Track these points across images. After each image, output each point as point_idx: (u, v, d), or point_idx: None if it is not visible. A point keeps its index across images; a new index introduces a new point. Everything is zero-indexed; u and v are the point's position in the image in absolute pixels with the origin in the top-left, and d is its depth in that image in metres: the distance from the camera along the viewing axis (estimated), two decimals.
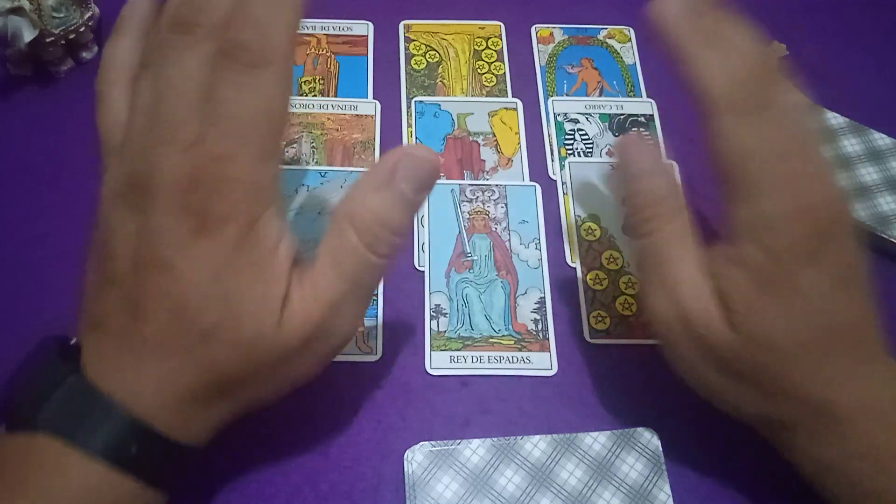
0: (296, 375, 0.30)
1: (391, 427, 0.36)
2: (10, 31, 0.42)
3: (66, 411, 0.26)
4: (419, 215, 0.42)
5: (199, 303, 0.26)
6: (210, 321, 0.27)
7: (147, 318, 0.27)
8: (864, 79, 0.49)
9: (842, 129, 0.44)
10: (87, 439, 0.26)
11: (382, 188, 0.28)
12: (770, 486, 0.35)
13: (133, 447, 0.26)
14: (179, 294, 0.26)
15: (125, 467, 0.26)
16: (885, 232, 0.41)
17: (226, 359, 0.27)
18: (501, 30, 0.50)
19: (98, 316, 0.28)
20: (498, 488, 0.33)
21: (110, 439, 0.26)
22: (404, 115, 0.46)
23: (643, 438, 0.35)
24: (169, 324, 0.27)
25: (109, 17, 0.48)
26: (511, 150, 0.45)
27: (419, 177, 0.28)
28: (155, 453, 0.27)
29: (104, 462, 0.26)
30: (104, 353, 0.27)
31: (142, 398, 0.27)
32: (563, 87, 0.48)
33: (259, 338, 0.27)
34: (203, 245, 0.26)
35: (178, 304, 0.26)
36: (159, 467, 0.27)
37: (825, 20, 0.52)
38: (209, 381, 0.27)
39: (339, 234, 0.28)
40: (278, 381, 0.30)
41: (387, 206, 0.28)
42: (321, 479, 0.34)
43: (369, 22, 0.50)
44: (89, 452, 0.26)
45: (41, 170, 0.43)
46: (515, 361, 0.38)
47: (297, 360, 0.29)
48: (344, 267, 0.28)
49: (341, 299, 0.28)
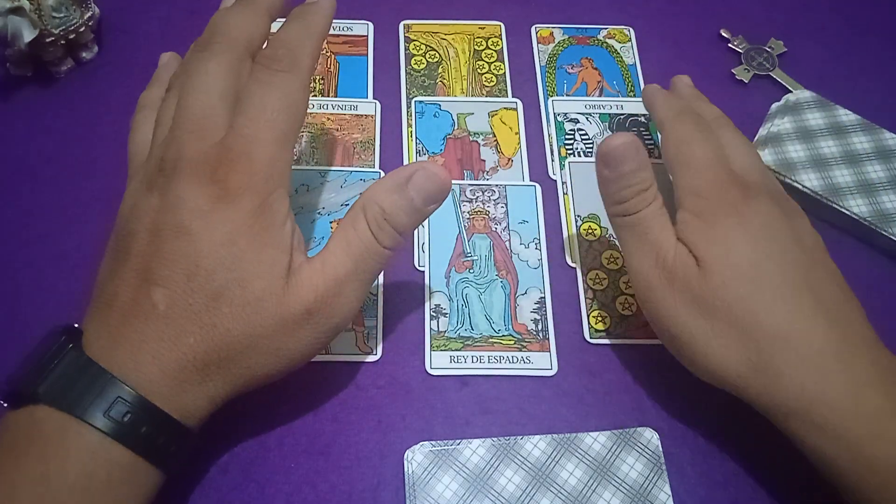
0: (293, 350, 0.31)
1: (391, 427, 0.36)
2: (10, 31, 0.42)
3: (65, 384, 0.28)
4: None
5: (212, 263, 0.29)
6: (221, 281, 0.29)
7: (160, 281, 0.29)
8: (886, 79, 0.49)
9: (853, 126, 0.44)
10: (86, 410, 0.27)
11: (395, 191, 0.32)
12: (770, 485, 0.35)
13: (128, 417, 0.27)
14: (195, 254, 0.29)
15: (121, 438, 0.27)
16: (886, 229, 0.41)
17: (230, 322, 0.29)
18: (501, 30, 0.50)
19: (108, 295, 0.30)
20: (498, 488, 0.33)
21: (107, 410, 0.27)
22: (404, 115, 0.46)
23: (643, 438, 0.35)
24: (181, 284, 0.29)
25: (109, 17, 0.48)
26: (511, 150, 0.45)
27: (428, 190, 0.32)
28: (150, 425, 0.28)
29: (101, 433, 0.27)
30: (109, 328, 0.29)
31: (141, 370, 0.28)
32: (563, 87, 0.48)
33: (264, 299, 0.30)
34: (221, 210, 0.30)
35: (192, 265, 0.29)
36: (154, 440, 0.28)
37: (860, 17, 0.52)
38: (209, 349, 0.29)
39: (352, 220, 0.32)
40: (276, 354, 0.31)
41: (395, 207, 0.31)
42: (321, 479, 0.34)
43: (369, 22, 0.50)
44: (87, 423, 0.27)
45: (41, 170, 0.43)
46: (515, 361, 0.38)
47: (297, 331, 0.31)
48: (352, 248, 0.31)
49: (345, 277, 0.31)
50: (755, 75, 0.49)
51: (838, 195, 0.42)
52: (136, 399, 0.28)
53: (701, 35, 0.51)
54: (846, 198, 0.42)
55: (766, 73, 0.49)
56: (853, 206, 0.41)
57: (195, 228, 0.29)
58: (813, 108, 0.45)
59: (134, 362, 0.28)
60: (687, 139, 0.36)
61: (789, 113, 0.45)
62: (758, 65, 0.49)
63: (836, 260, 0.35)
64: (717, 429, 0.36)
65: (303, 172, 0.43)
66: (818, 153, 0.43)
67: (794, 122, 0.45)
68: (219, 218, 0.30)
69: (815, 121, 0.45)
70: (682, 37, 0.51)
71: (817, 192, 0.42)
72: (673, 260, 0.33)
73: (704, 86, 0.44)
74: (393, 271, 0.40)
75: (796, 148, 0.44)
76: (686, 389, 0.37)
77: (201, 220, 0.29)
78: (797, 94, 0.46)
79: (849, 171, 0.43)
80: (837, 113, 0.45)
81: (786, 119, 0.45)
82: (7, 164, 0.43)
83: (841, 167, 0.43)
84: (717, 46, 0.51)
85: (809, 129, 0.44)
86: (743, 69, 0.49)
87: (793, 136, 0.44)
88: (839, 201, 0.42)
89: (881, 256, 0.42)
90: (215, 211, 0.30)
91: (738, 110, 0.47)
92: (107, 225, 0.41)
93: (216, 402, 0.30)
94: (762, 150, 0.44)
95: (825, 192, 0.42)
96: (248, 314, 0.30)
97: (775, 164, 0.43)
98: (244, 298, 0.29)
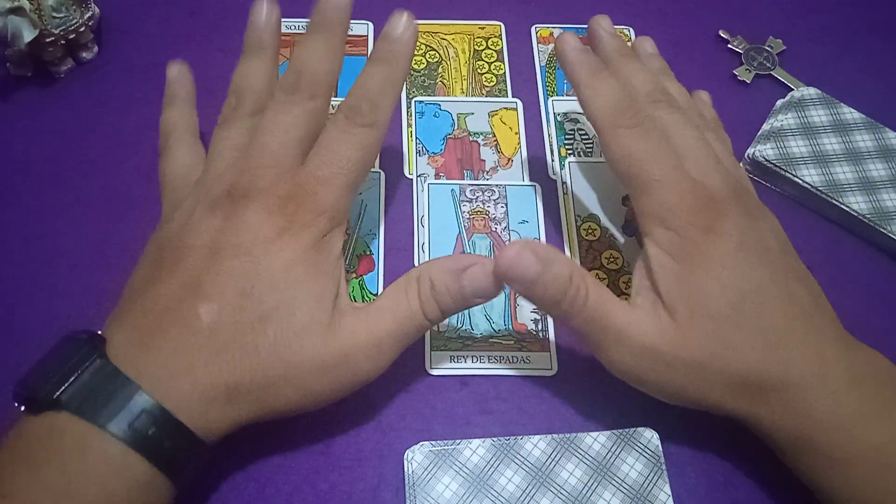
0: (319, 391, 0.31)
1: (391, 427, 0.36)
2: (10, 31, 0.42)
3: (89, 392, 0.27)
4: (420, 215, 0.42)
5: (267, 285, 0.30)
6: (272, 303, 0.30)
7: (210, 296, 0.30)
8: (885, 77, 0.49)
9: (856, 124, 0.44)
10: (110, 420, 0.27)
11: (451, 273, 0.32)
12: (770, 485, 0.35)
13: (153, 431, 0.27)
14: (253, 275, 0.30)
15: (144, 451, 0.27)
16: (885, 227, 0.41)
17: (271, 347, 0.30)
18: (501, 30, 0.50)
19: (146, 303, 0.30)
20: (498, 488, 0.33)
21: (133, 421, 0.27)
22: (404, 115, 0.46)
23: (643, 438, 0.35)
24: (231, 300, 0.30)
25: (109, 17, 0.48)
26: (511, 150, 0.45)
27: (481, 285, 0.32)
28: (172, 439, 0.28)
29: (124, 444, 0.27)
30: (142, 336, 0.29)
31: (171, 381, 0.28)
32: (564, 86, 0.48)
33: (310, 329, 0.30)
34: (283, 241, 0.31)
35: (247, 284, 0.30)
36: (174, 455, 0.28)
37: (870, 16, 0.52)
38: (245, 371, 0.29)
39: (405, 284, 0.33)
40: (304, 390, 0.31)
41: (445, 289, 0.32)
42: (321, 479, 0.34)
43: (369, 22, 0.50)
44: (110, 433, 0.27)
45: (41, 170, 0.43)
46: (515, 361, 0.38)
47: (329, 372, 0.31)
48: (399, 310, 0.32)
49: (386, 334, 0.32)
50: (756, 75, 0.49)
51: (839, 191, 0.42)
52: (162, 412, 0.28)
53: (701, 35, 0.51)
54: (846, 194, 0.42)
55: (768, 72, 0.49)
56: (853, 203, 0.41)
57: (256, 252, 0.30)
58: (817, 105, 0.45)
59: (165, 373, 0.28)
60: (637, 154, 0.33)
61: (793, 109, 0.45)
62: (758, 64, 0.49)
63: (833, 257, 0.35)
64: (717, 429, 0.36)
65: None
66: (820, 149, 0.43)
67: (797, 117, 0.45)
68: (280, 246, 0.31)
69: (819, 117, 0.45)
70: (682, 37, 0.51)
71: (818, 187, 0.42)
72: (645, 329, 0.32)
73: (706, 86, 0.44)
74: (393, 272, 0.40)
75: (798, 143, 0.44)
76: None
77: (264, 245, 0.31)
78: (802, 90, 0.46)
79: (850, 168, 0.43)
80: (842, 111, 0.45)
81: (789, 115, 0.45)
82: (7, 164, 0.43)
83: (842, 164, 0.43)
84: (716, 46, 0.51)
85: (812, 126, 0.44)
86: (744, 69, 0.49)
87: (795, 132, 0.44)
88: (839, 198, 0.42)
89: (880, 254, 0.42)
90: (278, 240, 0.31)
91: (742, 110, 0.47)
92: (107, 224, 0.41)
93: (235, 426, 0.30)
94: (764, 144, 0.44)
95: (825, 188, 0.42)
96: (291, 342, 0.30)
97: (777, 159, 0.43)
98: (291, 325, 0.30)
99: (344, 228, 0.33)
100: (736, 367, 0.31)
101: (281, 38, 0.38)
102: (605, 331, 0.32)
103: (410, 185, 0.43)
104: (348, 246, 0.41)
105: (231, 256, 0.30)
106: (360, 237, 0.41)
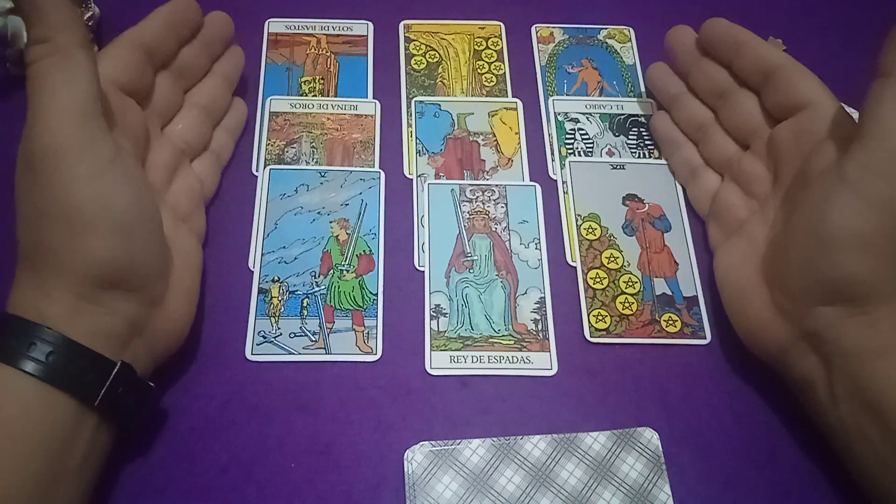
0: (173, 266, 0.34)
1: (391, 427, 0.36)
2: (10, 31, 0.42)
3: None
4: (420, 215, 0.42)
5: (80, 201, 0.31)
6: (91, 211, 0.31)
7: (40, 228, 0.31)
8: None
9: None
10: (12, 356, 0.29)
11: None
12: (770, 485, 0.35)
13: (49, 355, 0.29)
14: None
15: (49, 378, 0.29)
16: None
17: (102, 240, 0.31)
18: (501, 30, 0.50)
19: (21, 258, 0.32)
20: (498, 488, 0.33)
21: (31, 352, 0.29)
22: (404, 115, 0.46)
23: (643, 438, 0.35)
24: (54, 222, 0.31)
25: (109, 17, 0.48)
26: (511, 149, 0.45)
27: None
28: (70, 358, 0.29)
29: (32, 376, 0.29)
30: (21, 285, 0.31)
31: (48, 308, 0.30)
32: (564, 86, 0.48)
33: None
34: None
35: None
36: (79, 375, 0.30)
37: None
38: (95, 272, 0.30)
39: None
40: (157, 269, 0.33)
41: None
42: (321, 479, 0.34)
43: (369, 22, 0.50)
44: (17, 368, 0.29)
45: None
46: (515, 361, 0.38)
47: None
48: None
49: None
50: None
51: None
52: (51, 334, 0.29)
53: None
54: None
55: None
56: None
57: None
58: None
59: (41, 307, 0.30)
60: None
61: None
62: None
63: None
64: (717, 429, 0.36)
65: (303, 172, 0.43)
66: None
67: None
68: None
69: None
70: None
71: None
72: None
73: None
74: (393, 271, 0.40)
75: None
76: (686, 389, 0.37)
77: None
78: None
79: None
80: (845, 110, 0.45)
81: None
82: (7, 164, 0.43)
83: None
84: None
85: None
86: None
87: None
88: None
89: None
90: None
91: None
92: None
93: (126, 328, 0.32)
94: None
95: None
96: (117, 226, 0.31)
97: None
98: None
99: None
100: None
101: (280, 37, 0.38)
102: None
103: (410, 185, 0.43)
104: (348, 245, 0.41)
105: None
106: (360, 237, 0.41)
